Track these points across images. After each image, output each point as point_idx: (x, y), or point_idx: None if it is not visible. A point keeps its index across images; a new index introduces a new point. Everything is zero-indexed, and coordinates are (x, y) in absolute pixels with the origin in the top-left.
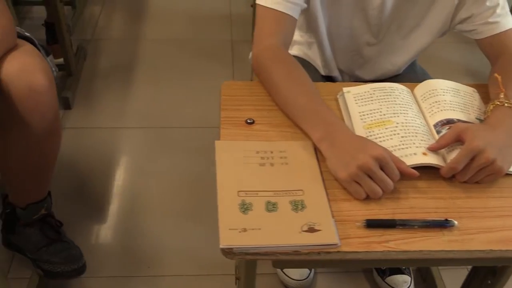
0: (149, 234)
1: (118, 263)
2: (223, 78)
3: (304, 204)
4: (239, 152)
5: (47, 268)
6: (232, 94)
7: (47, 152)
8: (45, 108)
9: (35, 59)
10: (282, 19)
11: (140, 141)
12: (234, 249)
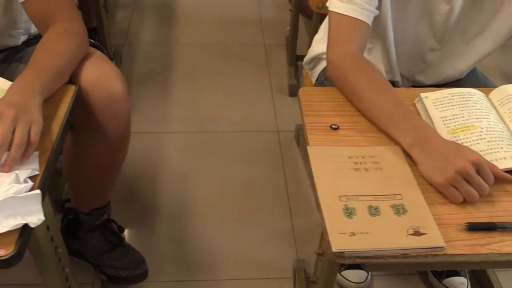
0: (201, 238)
1: (175, 268)
2: (259, 82)
3: (405, 208)
4: (331, 157)
5: (111, 273)
6: (310, 100)
7: (117, 158)
8: (122, 115)
9: (110, 66)
10: (357, 25)
11: (184, 145)
12: (345, 253)
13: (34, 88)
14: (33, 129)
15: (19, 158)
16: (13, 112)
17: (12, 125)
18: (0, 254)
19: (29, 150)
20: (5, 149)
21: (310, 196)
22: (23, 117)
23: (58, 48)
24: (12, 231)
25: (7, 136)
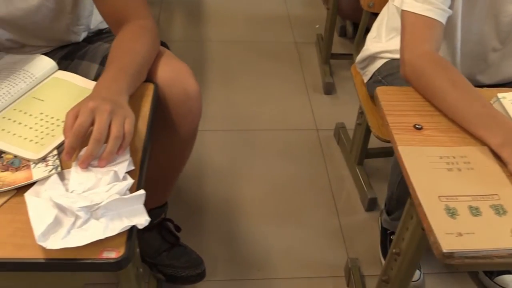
0: (250, 237)
1: (228, 267)
2: (293, 81)
3: (504, 208)
4: (423, 157)
5: (169, 273)
6: (389, 99)
7: (185, 157)
8: (195, 113)
9: (183, 63)
10: (433, 25)
11: (224, 143)
12: (455, 254)
13: (120, 86)
14: (127, 123)
15: (115, 152)
16: (109, 107)
17: (109, 119)
18: (112, 257)
19: (125, 144)
20: (102, 142)
21: (354, 194)
22: (118, 111)
23: (136, 46)
24: (119, 233)
25: (105, 130)
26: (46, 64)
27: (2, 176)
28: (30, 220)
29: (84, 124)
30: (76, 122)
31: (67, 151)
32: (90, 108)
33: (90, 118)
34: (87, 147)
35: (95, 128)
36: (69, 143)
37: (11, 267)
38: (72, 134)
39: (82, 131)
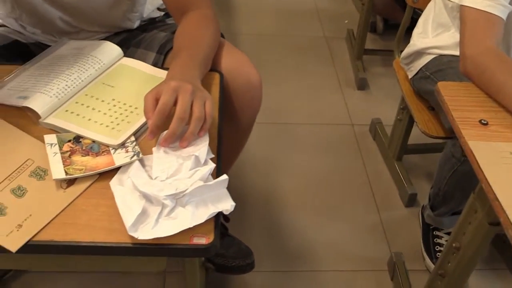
0: (292, 230)
1: (272, 259)
2: (325, 75)
3: None
4: (494, 152)
5: (220, 262)
6: (452, 94)
7: (241, 146)
8: (257, 102)
9: (244, 54)
10: (495, 21)
11: (261, 136)
12: None
13: (193, 73)
14: (207, 105)
15: (197, 132)
16: (190, 87)
17: (191, 99)
18: (202, 243)
19: (206, 125)
20: (186, 121)
21: (392, 190)
22: (198, 93)
23: (202, 35)
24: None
25: (188, 108)
26: (113, 51)
27: (84, 161)
28: (119, 211)
29: (168, 102)
30: (160, 101)
31: (151, 130)
32: (172, 88)
33: (173, 97)
34: (170, 125)
35: (178, 107)
36: (154, 122)
37: (103, 251)
38: (157, 113)
39: (167, 110)
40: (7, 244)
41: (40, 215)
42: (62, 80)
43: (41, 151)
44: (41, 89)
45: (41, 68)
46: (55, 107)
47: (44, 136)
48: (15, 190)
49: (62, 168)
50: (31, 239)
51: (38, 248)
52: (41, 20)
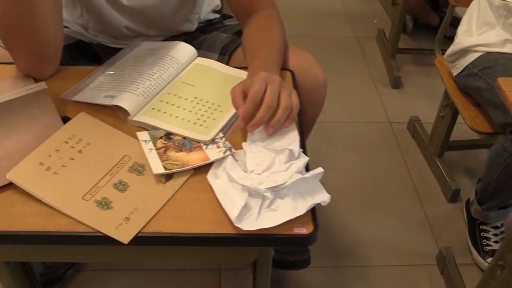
0: (339, 225)
1: (324, 254)
2: (359, 75)
3: None
4: None
5: (277, 258)
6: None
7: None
8: (321, 102)
9: (309, 53)
10: None
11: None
12: None
13: (273, 71)
14: (293, 96)
15: (283, 121)
16: (279, 78)
17: (279, 89)
18: (303, 233)
19: (292, 115)
20: (273, 109)
21: (435, 186)
22: (285, 84)
23: (273, 35)
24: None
25: (276, 97)
26: (189, 51)
27: (179, 156)
28: (221, 203)
29: (260, 90)
30: (252, 88)
31: (243, 116)
32: (263, 78)
33: (264, 86)
34: (259, 112)
35: (267, 95)
36: (246, 108)
37: (211, 242)
38: (249, 99)
39: (258, 97)
40: (118, 236)
41: (145, 208)
42: (146, 80)
43: (136, 147)
44: (127, 88)
45: (121, 68)
46: (142, 105)
47: (136, 133)
48: (117, 184)
49: (160, 163)
50: (140, 231)
51: (148, 240)
52: (106, 27)
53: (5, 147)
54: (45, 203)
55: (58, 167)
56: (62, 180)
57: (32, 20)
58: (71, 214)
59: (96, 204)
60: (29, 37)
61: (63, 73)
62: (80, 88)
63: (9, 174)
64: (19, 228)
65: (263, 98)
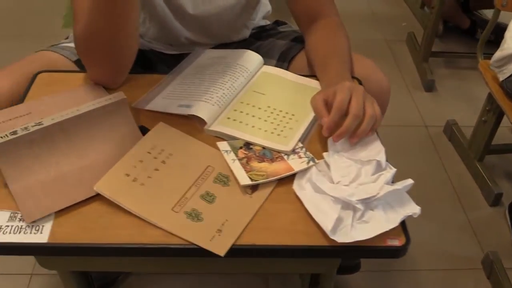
0: None
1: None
2: (392, 78)
3: None
4: None
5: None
6: None
7: None
8: (385, 108)
9: (371, 60)
10: None
11: None
12: None
13: (349, 78)
14: (376, 106)
15: (368, 131)
16: (362, 89)
17: (363, 98)
18: (396, 244)
19: (376, 125)
20: (360, 119)
21: (475, 189)
22: (367, 94)
23: (341, 42)
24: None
25: (361, 107)
26: (256, 59)
27: (262, 167)
28: (312, 215)
29: (345, 100)
30: (337, 98)
31: (328, 126)
32: (347, 87)
33: (348, 96)
34: (345, 122)
35: (353, 104)
36: (332, 118)
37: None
38: (335, 109)
39: (344, 107)
40: (214, 248)
41: (235, 220)
42: (218, 89)
43: (218, 157)
44: (202, 98)
45: (189, 77)
46: (217, 114)
47: (217, 143)
48: (205, 196)
49: (245, 174)
50: (234, 243)
51: (242, 252)
52: (165, 35)
53: (87, 157)
54: (133, 214)
55: (144, 178)
56: (150, 192)
57: (123, 33)
58: (163, 226)
59: (187, 216)
60: (114, 48)
61: (132, 81)
62: (151, 97)
63: (96, 186)
64: (111, 240)
65: (347, 108)
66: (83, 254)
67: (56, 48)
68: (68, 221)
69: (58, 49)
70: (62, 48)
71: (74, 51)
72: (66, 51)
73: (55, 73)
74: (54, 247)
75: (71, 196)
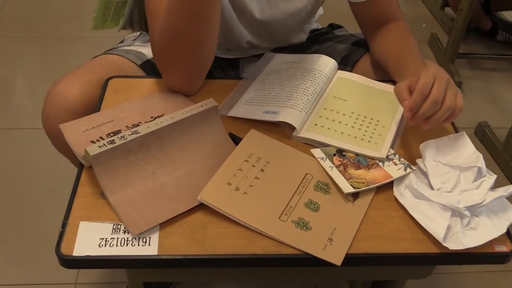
0: None
1: None
2: None
3: None
4: None
5: None
6: None
7: None
8: None
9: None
10: None
11: None
12: None
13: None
14: (459, 97)
15: (442, 120)
16: (447, 76)
17: (445, 86)
18: (504, 250)
19: (453, 116)
20: (438, 106)
21: None
22: (451, 83)
23: (414, 45)
24: None
25: (443, 93)
26: (332, 64)
27: (360, 174)
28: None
29: (428, 84)
30: (420, 81)
31: (410, 108)
32: (432, 72)
33: (432, 80)
34: (423, 106)
35: (434, 90)
36: (413, 100)
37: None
38: (417, 91)
39: (426, 90)
40: (329, 257)
41: (343, 228)
42: (302, 95)
43: (313, 164)
44: (287, 104)
45: (267, 82)
46: (304, 121)
47: (311, 150)
48: (308, 204)
49: (347, 182)
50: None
51: (356, 261)
52: (227, 40)
53: (181, 166)
54: (238, 224)
55: (246, 187)
56: (254, 201)
57: (205, 34)
58: (273, 236)
59: (295, 225)
60: (195, 52)
61: (206, 87)
62: (231, 103)
63: (200, 196)
64: (224, 251)
65: (430, 93)
66: (196, 266)
67: (119, 51)
68: (174, 232)
69: (122, 52)
70: (126, 51)
71: (139, 55)
72: (131, 55)
73: (126, 78)
74: (166, 259)
75: (174, 207)
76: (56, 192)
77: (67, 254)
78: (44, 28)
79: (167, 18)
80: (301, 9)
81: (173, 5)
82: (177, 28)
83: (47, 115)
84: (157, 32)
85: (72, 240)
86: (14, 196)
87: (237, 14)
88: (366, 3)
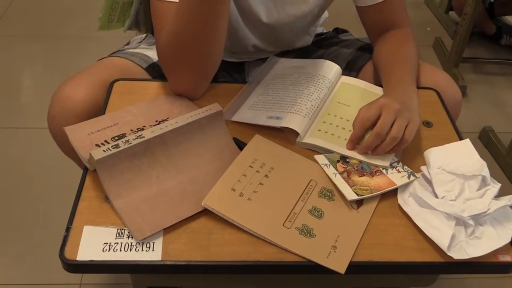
0: None
1: None
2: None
3: None
4: None
5: None
6: None
7: None
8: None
9: (443, 71)
10: None
11: None
12: None
13: (412, 89)
14: (409, 127)
15: (387, 151)
16: (397, 106)
17: (393, 117)
18: (508, 260)
19: (399, 147)
20: (382, 138)
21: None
22: (404, 113)
23: (410, 52)
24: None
25: (386, 126)
26: (336, 69)
27: (364, 181)
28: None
29: (369, 117)
30: (360, 114)
31: (351, 139)
32: (379, 105)
33: (376, 113)
34: (367, 138)
35: (378, 123)
36: (355, 132)
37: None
38: (357, 124)
39: (367, 124)
40: (332, 265)
41: (347, 236)
42: (306, 100)
43: (316, 171)
44: (291, 109)
45: (271, 87)
46: (308, 126)
47: (314, 157)
48: (312, 211)
49: (350, 189)
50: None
51: (360, 269)
52: (233, 43)
53: (186, 171)
54: (242, 231)
55: (250, 192)
56: (258, 207)
57: (213, 37)
58: (277, 243)
59: (299, 232)
60: (202, 55)
61: (211, 91)
62: (234, 107)
63: (204, 201)
64: (228, 257)
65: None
66: (200, 272)
67: (125, 54)
68: (178, 238)
69: (127, 55)
70: (131, 54)
71: (145, 58)
72: (137, 58)
73: (132, 81)
74: (170, 265)
75: (178, 212)
76: (62, 192)
77: (71, 258)
78: (50, 27)
79: (176, 23)
80: (308, 13)
81: (183, 9)
82: (186, 33)
83: (53, 117)
84: (164, 37)
85: (76, 244)
86: (20, 195)
87: (243, 18)
88: (371, 8)
